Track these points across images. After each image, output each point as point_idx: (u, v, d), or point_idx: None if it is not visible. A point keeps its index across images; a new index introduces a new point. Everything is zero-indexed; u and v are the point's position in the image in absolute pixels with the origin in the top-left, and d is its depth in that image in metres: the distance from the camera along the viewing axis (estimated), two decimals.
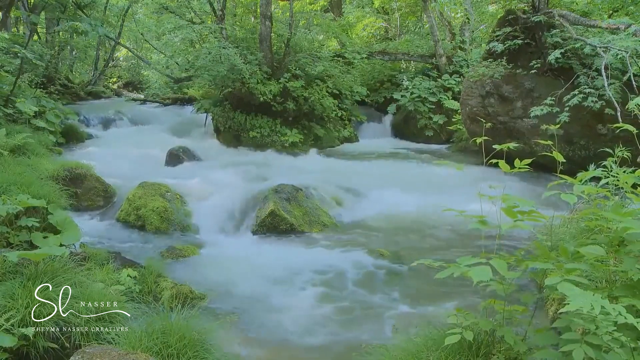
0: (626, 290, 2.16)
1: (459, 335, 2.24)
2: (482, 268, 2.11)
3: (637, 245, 2.20)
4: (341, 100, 11.93)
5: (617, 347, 1.86)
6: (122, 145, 10.35)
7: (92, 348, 2.49)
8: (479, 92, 8.93)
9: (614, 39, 7.03)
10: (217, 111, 10.96)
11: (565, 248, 2.28)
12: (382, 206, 6.60)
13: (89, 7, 13.85)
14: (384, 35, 17.89)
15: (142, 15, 18.69)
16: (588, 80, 7.57)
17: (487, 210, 2.36)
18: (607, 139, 7.46)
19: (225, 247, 5.40)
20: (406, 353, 2.50)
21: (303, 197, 6.26)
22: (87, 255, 4.01)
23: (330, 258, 5.05)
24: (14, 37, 8.29)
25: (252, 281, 4.44)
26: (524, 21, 8.73)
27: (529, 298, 2.57)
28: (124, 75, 23.39)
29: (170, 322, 2.68)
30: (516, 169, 2.52)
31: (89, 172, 6.21)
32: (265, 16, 10.60)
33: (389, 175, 8.11)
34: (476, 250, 4.46)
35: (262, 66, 10.54)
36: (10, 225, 3.81)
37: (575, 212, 4.35)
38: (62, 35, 16.15)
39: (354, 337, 3.54)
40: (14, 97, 8.06)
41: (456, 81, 12.47)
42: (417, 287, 4.38)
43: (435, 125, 12.24)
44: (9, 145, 5.76)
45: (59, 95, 13.41)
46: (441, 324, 2.55)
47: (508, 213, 2.35)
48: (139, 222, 5.79)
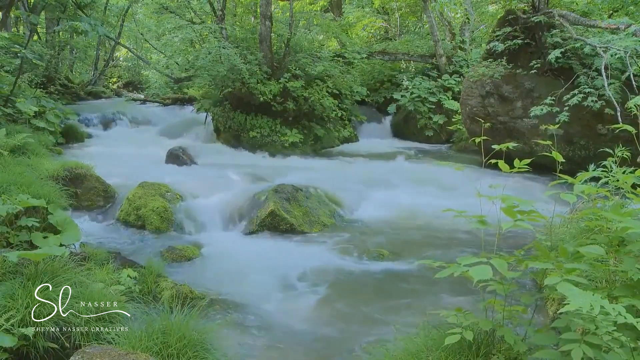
0: (626, 290, 2.16)
1: (459, 335, 2.24)
2: (482, 267, 2.11)
3: (637, 245, 2.20)
4: (341, 100, 11.93)
5: (617, 347, 1.86)
6: (122, 145, 10.36)
7: (92, 348, 2.49)
8: (479, 92, 8.93)
9: (613, 38, 7.03)
10: (217, 111, 10.96)
11: (565, 248, 2.29)
12: (382, 206, 6.60)
13: (89, 7, 13.83)
14: (384, 35, 17.89)
15: (142, 15, 18.69)
16: (588, 80, 7.57)
17: (487, 210, 2.37)
18: (607, 139, 7.46)
19: (226, 247, 5.40)
20: (406, 353, 2.50)
21: (303, 197, 6.26)
22: (87, 255, 4.01)
23: (330, 258, 5.05)
24: (14, 37, 8.27)
25: (252, 281, 4.44)
26: (524, 21, 8.73)
27: (529, 298, 2.57)
28: (124, 75, 23.38)
29: (170, 322, 2.68)
30: (515, 169, 2.52)
31: (89, 172, 6.20)
32: (265, 16, 10.61)
33: (388, 175, 8.11)
34: (476, 250, 4.46)
35: (262, 66, 10.54)
36: (10, 225, 3.80)
37: (575, 212, 4.35)
38: (62, 35, 16.15)
39: (354, 337, 3.54)
40: (14, 97, 8.05)
41: (456, 81, 12.48)
42: (417, 287, 4.38)
43: (435, 125, 12.24)
44: (9, 145, 5.76)
45: (59, 95, 13.41)
46: (441, 324, 2.55)
47: (508, 213, 2.35)
48: (139, 222, 5.79)
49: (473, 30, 14.98)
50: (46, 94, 11.11)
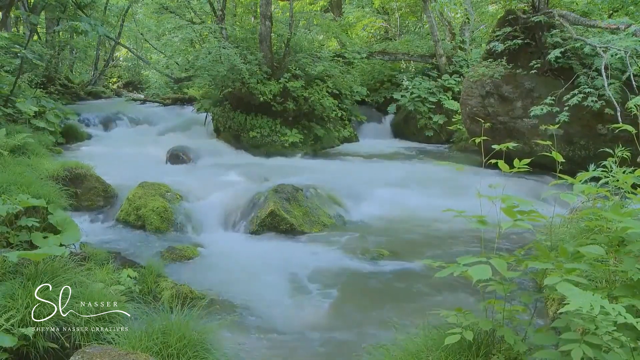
0: (626, 290, 2.16)
1: (459, 335, 2.24)
2: (482, 267, 2.11)
3: (637, 245, 2.20)
4: (341, 100, 11.93)
5: (617, 347, 1.86)
6: (122, 145, 10.36)
7: (92, 348, 2.49)
8: (479, 92, 8.93)
9: (613, 38, 7.03)
10: (217, 111, 10.96)
11: (565, 248, 2.28)
12: (382, 206, 6.60)
13: (89, 7, 13.83)
14: (384, 35, 17.88)
15: (142, 15, 18.69)
16: (588, 80, 7.57)
17: (487, 210, 2.36)
18: (607, 139, 7.45)
19: (225, 247, 5.40)
20: (406, 353, 2.50)
21: (303, 197, 6.26)
22: (87, 255, 4.01)
23: (330, 258, 5.05)
24: (14, 37, 8.28)
25: (252, 281, 4.44)
26: (524, 21, 8.72)
27: (529, 298, 2.58)
28: (124, 75, 23.37)
29: (170, 322, 2.68)
30: (515, 169, 2.52)
31: (89, 172, 6.20)
32: (265, 16, 10.61)
33: (388, 175, 8.11)
34: (476, 250, 4.46)
35: (262, 66, 10.54)
36: (10, 225, 3.80)
37: (575, 212, 4.35)
38: (62, 35, 16.14)
39: (354, 337, 3.54)
40: (14, 97, 8.06)
41: (456, 81, 12.47)
42: (417, 286, 4.38)
43: (435, 125, 12.24)
44: (9, 145, 5.76)
45: (59, 95, 13.40)
46: (441, 324, 2.55)
47: (508, 213, 2.35)
48: (139, 222, 5.79)
49: (473, 30, 14.97)
50: (46, 94, 11.11)
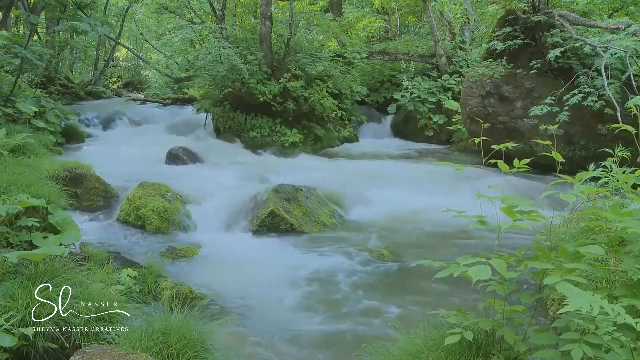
0: (626, 290, 2.16)
1: (459, 335, 2.24)
2: (482, 267, 2.11)
3: (637, 245, 2.20)
4: (341, 100, 11.93)
5: (617, 347, 1.86)
6: (122, 145, 10.35)
7: (92, 348, 2.49)
8: (479, 92, 8.93)
9: (613, 38, 7.04)
10: (217, 111, 10.95)
11: (565, 248, 2.28)
12: (382, 206, 6.60)
13: (89, 7, 13.82)
14: (384, 35, 17.87)
15: (142, 15, 18.68)
16: (588, 80, 7.58)
17: (487, 210, 2.36)
18: (607, 139, 7.46)
19: (225, 247, 5.40)
20: (406, 353, 2.50)
21: (303, 197, 6.26)
22: (87, 255, 4.01)
23: (330, 258, 5.05)
24: (14, 37, 8.27)
25: (252, 281, 4.44)
26: (524, 21, 8.73)
27: (529, 298, 2.57)
28: (124, 75, 23.35)
29: (170, 322, 2.68)
30: (515, 169, 2.52)
31: (89, 172, 6.20)
32: (265, 16, 10.61)
33: (388, 175, 8.11)
34: (476, 250, 4.46)
35: (262, 66, 10.54)
36: (10, 225, 3.80)
37: (574, 212, 4.35)
38: (62, 35, 16.13)
39: (354, 337, 3.54)
40: (14, 97, 8.06)
41: (456, 81, 12.47)
42: (417, 287, 4.38)
43: (435, 125, 12.23)
44: (9, 145, 5.76)
45: (59, 95, 13.41)
46: (441, 324, 2.55)
47: (507, 213, 2.35)
48: (139, 222, 5.79)
49: (473, 30, 14.97)
50: (46, 94, 11.11)
